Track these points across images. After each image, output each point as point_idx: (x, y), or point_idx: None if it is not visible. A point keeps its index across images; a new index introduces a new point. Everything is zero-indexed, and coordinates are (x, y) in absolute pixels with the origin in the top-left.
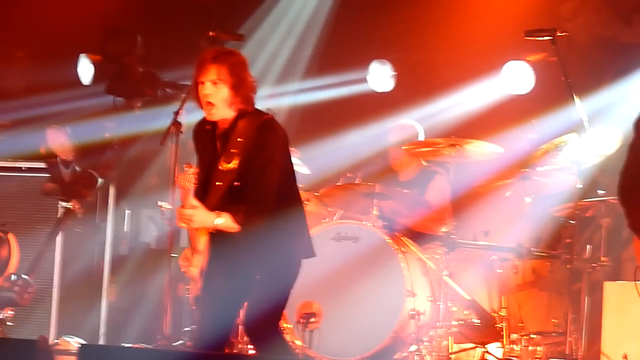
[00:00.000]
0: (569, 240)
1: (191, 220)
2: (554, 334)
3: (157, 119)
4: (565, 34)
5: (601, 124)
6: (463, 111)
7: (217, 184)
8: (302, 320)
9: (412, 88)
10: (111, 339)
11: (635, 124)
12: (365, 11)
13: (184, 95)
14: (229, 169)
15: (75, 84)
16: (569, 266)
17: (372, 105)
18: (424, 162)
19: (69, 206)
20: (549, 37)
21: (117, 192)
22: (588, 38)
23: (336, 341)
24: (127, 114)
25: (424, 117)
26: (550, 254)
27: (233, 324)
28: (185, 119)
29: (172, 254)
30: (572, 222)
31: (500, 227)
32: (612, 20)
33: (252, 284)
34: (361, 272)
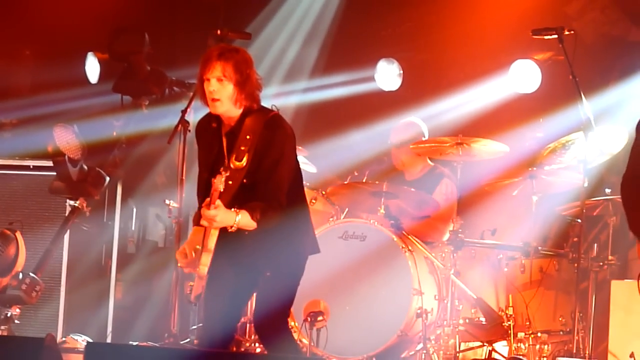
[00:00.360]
0: (576, 239)
1: (214, 220)
2: (561, 333)
3: (164, 117)
4: (572, 32)
5: (608, 123)
6: (470, 110)
7: (229, 182)
8: (309, 319)
9: (419, 87)
10: (118, 337)
11: (637, 126)
12: (373, 10)
13: (191, 94)
14: (240, 167)
15: (82, 82)
16: (576, 265)
17: (379, 104)
18: (430, 161)
19: (76, 204)
20: (556, 36)
21: (124, 191)
22: (595, 37)
23: (343, 340)
24: (134, 113)
25: (431, 116)
26: (557, 252)
27: (239, 321)
28: (193, 118)
29: None
30: (579, 220)
31: (507, 225)
32: (619, 19)
33: (259, 281)
34: (368, 271)
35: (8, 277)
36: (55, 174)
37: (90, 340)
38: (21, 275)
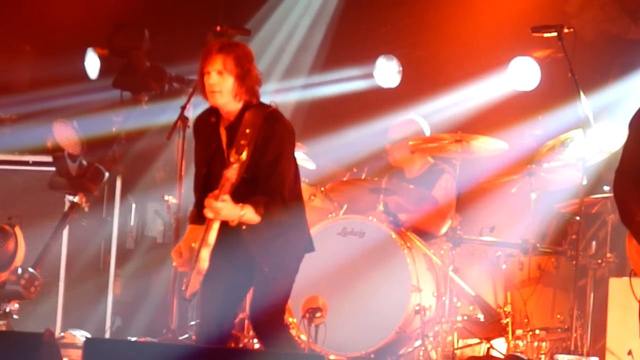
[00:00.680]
0: (574, 237)
1: (219, 212)
2: (559, 330)
3: (163, 113)
4: (572, 30)
5: (607, 121)
6: (469, 107)
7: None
8: (307, 315)
9: (418, 84)
10: (117, 332)
11: (629, 123)
12: (372, 7)
13: (191, 90)
14: (243, 161)
15: (82, 77)
16: (574, 262)
17: (378, 101)
18: (430, 159)
19: (75, 200)
20: (555, 34)
21: (123, 186)
22: (594, 34)
23: (341, 336)
24: (134, 108)
25: (430, 113)
26: (555, 250)
27: (236, 317)
28: (192, 114)
29: None
30: (578, 218)
31: (506, 223)
32: (618, 16)
33: (256, 276)
34: (367, 268)
35: (7, 272)
36: (54, 169)
37: (89, 335)
38: (20, 271)
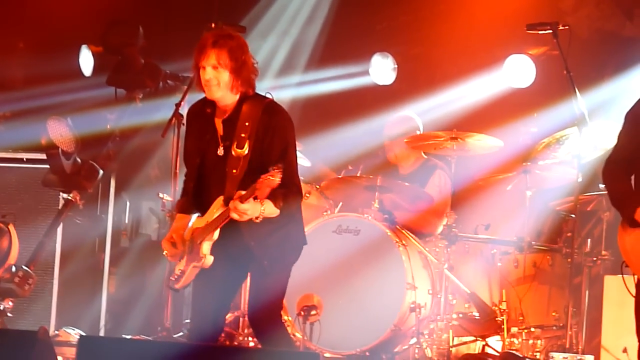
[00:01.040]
0: (569, 234)
1: (245, 214)
2: (554, 328)
3: (158, 110)
4: (567, 27)
5: (602, 118)
6: (464, 104)
7: (232, 171)
8: (302, 313)
9: (413, 81)
10: (111, 330)
11: (625, 115)
12: (367, 4)
13: (186, 87)
14: (242, 154)
15: (76, 75)
16: (569, 260)
17: (373, 98)
18: (424, 155)
19: (69, 197)
20: (551, 31)
21: (117, 184)
22: (589, 32)
23: (337, 334)
24: (128, 106)
25: (426, 110)
26: (550, 247)
27: (228, 312)
28: (187, 111)
29: None
30: (573, 216)
31: (501, 220)
32: (613, 14)
33: (254, 270)
34: (362, 265)
35: (1, 270)
36: (48, 166)
37: (83, 333)
38: (14, 268)
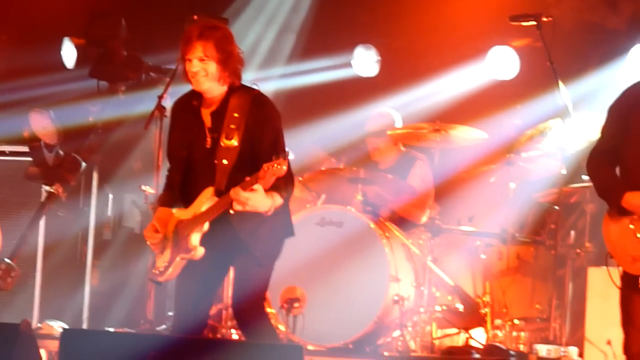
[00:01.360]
0: (553, 226)
1: (247, 203)
2: (538, 320)
3: (141, 103)
4: (550, 19)
5: (586, 110)
6: (447, 96)
7: (223, 162)
8: (285, 306)
9: (396, 73)
10: (94, 323)
11: (610, 107)
12: None
13: (168, 79)
14: (231, 146)
15: (58, 67)
16: (553, 252)
17: (356, 90)
18: (402, 147)
19: (52, 190)
20: (534, 22)
21: (100, 177)
22: (573, 23)
23: (320, 326)
24: (110, 98)
25: (408, 103)
26: (534, 239)
27: (212, 304)
28: (169, 103)
29: None
30: (557, 207)
31: (485, 212)
32: (597, 5)
33: (241, 262)
34: (345, 258)
35: None
36: (31, 159)
37: (66, 326)
38: None
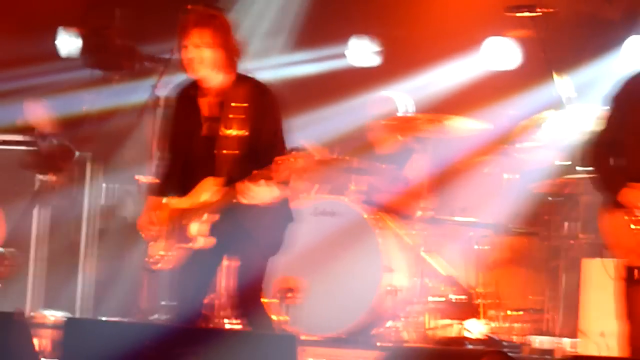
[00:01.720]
0: (547, 217)
1: (253, 196)
2: (532, 311)
3: (135, 92)
4: (546, 10)
5: (581, 101)
6: (443, 87)
7: (222, 151)
8: (279, 295)
9: (393, 63)
10: (87, 312)
11: (612, 98)
12: None
13: (162, 69)
14: (230, 135)
15: (53, 56)
16: (547, 243)
17: (352, 81)
18: (400, 137)
19: (46, 179)
20: (530, 13)
21: (94, 166)
22: (569, 14)
23: (314, 316)
24: (105, 87)
25: (405, 93)
26: (528, 230)
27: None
28: (164, 93)
29: None
30: (551, 199)
31: (479, 203)
32: None
33: (244, 251)
34: (339, 248)
35: None
36: (25, 148)
37: (60, 315)
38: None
